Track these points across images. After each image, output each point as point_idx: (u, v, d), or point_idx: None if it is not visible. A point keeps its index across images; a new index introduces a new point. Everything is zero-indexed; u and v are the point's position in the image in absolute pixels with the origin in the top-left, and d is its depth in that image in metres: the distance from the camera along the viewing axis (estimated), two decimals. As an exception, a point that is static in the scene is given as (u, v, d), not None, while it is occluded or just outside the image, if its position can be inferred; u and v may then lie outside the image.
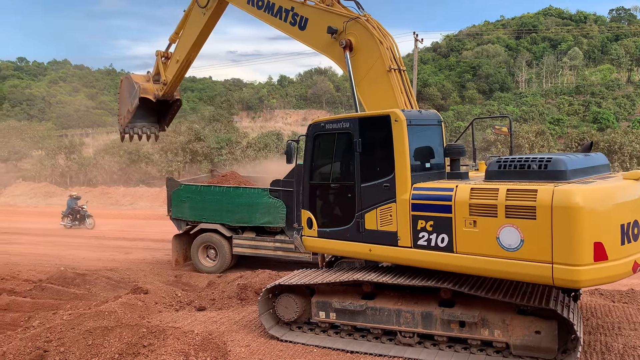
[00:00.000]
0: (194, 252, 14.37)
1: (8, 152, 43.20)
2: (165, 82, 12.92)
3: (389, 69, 8.85)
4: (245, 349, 7.47)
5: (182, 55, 12.64)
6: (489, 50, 77.70)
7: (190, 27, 12.48)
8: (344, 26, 9.22)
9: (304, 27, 10.02)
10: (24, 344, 7.33)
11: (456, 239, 6.59)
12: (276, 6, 10.54)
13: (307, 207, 8.17)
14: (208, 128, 42.03)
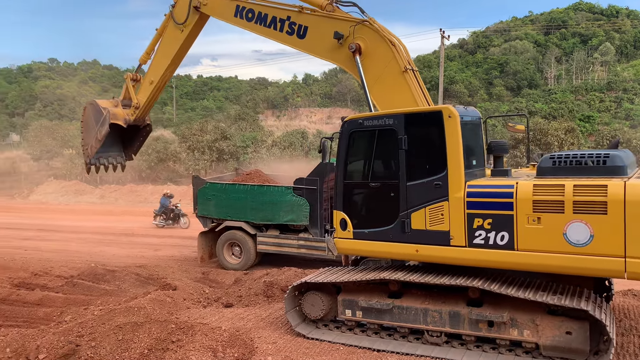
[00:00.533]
0: (220, 249, 14.51)
1: (40, 151, 44.25)
2: (138, 106, 12.14)
3: (405, 69, 8.80)
4: (272, 345, 7.52)
5: (156, 76, 11.90)
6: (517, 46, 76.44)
7: (166, 45, 11.76)
8: (351, 31, 9.15)
9: (303, 35, 9.86)
10: (57, 338, 7.49)
11: (517, 236, 6.50)
12: (269, 17, 10.27)
13: (340, 208, 7.87)
14: (234, 127, 42.42)
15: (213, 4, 11.05)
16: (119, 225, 22.92)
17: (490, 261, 6.75)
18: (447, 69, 61.37)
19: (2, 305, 10.97)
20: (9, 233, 21.59)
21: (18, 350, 7.47)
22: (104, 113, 11.64)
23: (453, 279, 6.91)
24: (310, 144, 38.77)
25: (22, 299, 11.28)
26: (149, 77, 11.98)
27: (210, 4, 11.07)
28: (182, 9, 11.34)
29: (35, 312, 10.40)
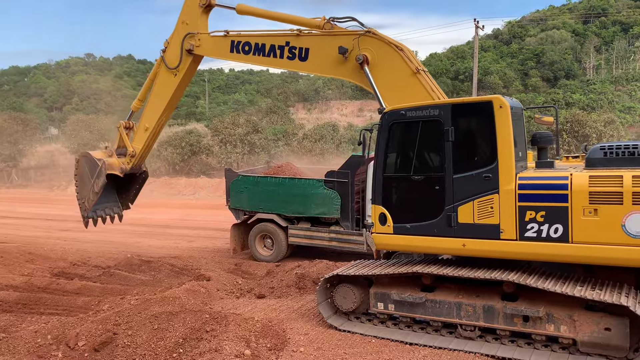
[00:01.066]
0: (252, 241, 14.64)
1: (77, 144, 45.26)
2: (133, 154, 11.72)
3: (416, 71, 8.74)
4: (304, 337, 7.56)
5: (151, 122, 11.54)
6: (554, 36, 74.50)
7: (159, 91, 11.41)
8: (355, 43, 9.12)
9: (305, 57, 9.76)
10: (95, 326, 7.70)
11: (572, 228, 6.38)
12: (267, 46, 10.12)
13: (379, 202, 7.67)
14: (265, 120, 42.66)
15: (207, 44, 10.79)
16: (153, 217, 23.35)
17: (542, 254, 6.62)
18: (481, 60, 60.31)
19: (43, 293, 11.33)
20: (48, 224, 22.27)
21: (59, 337, 7.71)
22: (99, 164, 11.30)
23: (488, 273, 6.81)
24: (341, 137, 38.68)
25: (61, 288, 11.63)
26: (143, 124, 11.64)
27: (203, 45, 10.81)
28: (174, 53, 11.02)
29: (74, 300, 10.70)
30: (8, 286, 11.83)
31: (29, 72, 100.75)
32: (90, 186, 11.21)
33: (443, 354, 6.68)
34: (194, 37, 10.75)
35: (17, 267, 13.95)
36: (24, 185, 41.57)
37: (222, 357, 6.44)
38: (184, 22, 10.91)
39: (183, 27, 10.90)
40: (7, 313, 10.11)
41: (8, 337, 8.21)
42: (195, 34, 10.74)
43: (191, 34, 10.75)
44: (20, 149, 44.99)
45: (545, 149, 7.57)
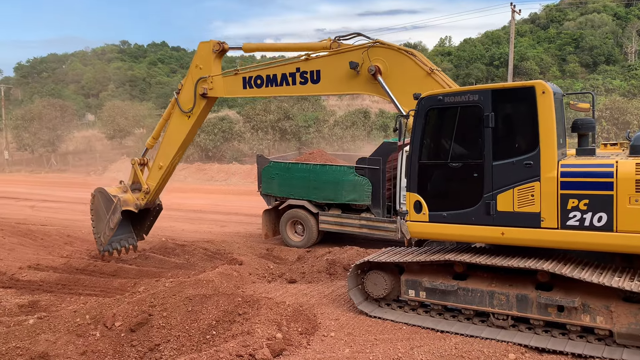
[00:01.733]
0: (283, 227, 14.76)
1: (114, 130, 46.32)
2: (148, 191, 11.86)
3: (430, 71, 8.71)
4: (334, 322, 7.62)
5: (166, 161, 11.67)
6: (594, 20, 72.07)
7: (173, 132, 11.52)
8: (364, 56, 9.18)
9: (317, 80, 9.82)
10: (131, 307, 7.91)
11: (617, 217, 6.23)
12: (279, 76, 10.18)
13: (415, 190, 7.51)
14: (296, 107, 42.61)
15: (219, 86, 10.85)
16: (187, 202, 23.74)
17: (585, 243, 6.48)
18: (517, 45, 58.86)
19: (81, 275, 11.69)
20: (86, 208, 22.78)
21: (96, 317, 7.95)
22: (114, 201, 11.33)
23: (522, 262, 6.70)
24: (373, 124, 38.42)
25: (99, 270, 11.98)
26: (157, 163, 11.80)
27: (216, 87, 10.88)
28: (188, 96, 11.11)
29: (111, 282, 11.01)
30: (48, 267, 12.25)
31: (67, 60, 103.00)
32: (106, 222, 11.42)
33: (475, 342, 6.63)
34: (207, 81, 10.89)
35: (56, 249, 14.44)
36: (63, 169, 42.78)
37: (254, 340, 6.54)
38: (198, 66, 11.04)
39: (197, 71, 11.03)
40: (48, 293, 10.49)
41: (49, 316, 8.52)
42: (207, 77, 10.87)
43: (203, 78, 10.88)
44: (58, 134, 46.21)
45: (586, 136, 7.37)
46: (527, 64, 59.88)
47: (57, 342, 7.37)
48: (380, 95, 9.26)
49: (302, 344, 6.88)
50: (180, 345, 7.10)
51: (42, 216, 20.73)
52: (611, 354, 6.13)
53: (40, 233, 16.06)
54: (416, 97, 7.61)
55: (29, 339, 7.59)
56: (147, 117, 47.97)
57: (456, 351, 6.33)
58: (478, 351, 6.33)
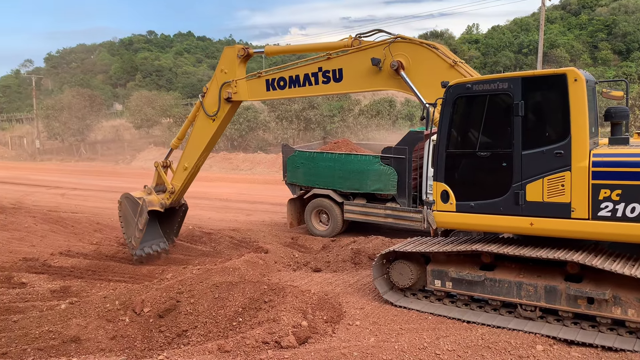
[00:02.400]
0: (308, 216, 14.80)
1: (141, 120, 46.95)
2: (173, 191, 11.93)
3: (453, 64, 8.59)
4: (359, 311, 7.63)
5: (190, 162, 11.75)
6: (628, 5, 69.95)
7: (198, 135, 11.61)
8: (386, 52, 9.10)
9: (340, 78, 9.77)
10: (160, 293, 8.05)
11: None
12: (301, 76, 10.14)
13: (442, 179, 7.39)
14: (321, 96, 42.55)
15: (243, 89, 10.89)
16: (213, 190, 23.98)
17: (616, 234, 6.33)
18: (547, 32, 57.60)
19: (110, 261, 11.94)
20: (115, 196, 23.18)
21: (126, 303, 8.12)
22: (139, 203, 11.53)
23: (551, 253, 6.59)
24: (398, 113, 38.12)
25: (127, 257, 12.21)
26: (182, 164, 11.90)
27: (240, 91, 10.91)
28: (213, 100, 11.17)
29: (140, 269, 11.22)
30: (79, 254, 12.55)
31: (95, 50, 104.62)
32: (135, 225, 11.55)
33: (501, 333, 6.56)
34: (231, 85, 10.93)
35: (86, 236, 14.76)
36: (92, 158, 43.61)
37: (279, 327, 6.60)
38: (223, 71, 11.11)
39: (222, 76, 11.09)
40: (79, 279, 10.74)
41: (80, 301, 8.73)
42: (231, 82, 10.91)
43: (227, 82, 10.93)
44: (87, 123, 47.06)
45: (619, 125, 7.18)
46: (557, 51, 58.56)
47: (87, 326, 7.56)
48: (404, 90, 9.20)
49: (327, 332, 6.91)
50: (207, 332, 7.22)
51: (72, 204, 21.20)
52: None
53: (70, 220, 16.43)
54: (444, 85, 7.48)
55: (61, 323, 7.79)
56: (174, 106, 48.49)
57: (482, 342, 6.28)
58: (505, 342, 6.27)
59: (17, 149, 51.10)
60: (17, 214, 16.70)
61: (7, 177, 31.38)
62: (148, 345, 7.21)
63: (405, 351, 6.09)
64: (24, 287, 10.09)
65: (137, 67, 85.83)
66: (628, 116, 7.25)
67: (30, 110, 62.35)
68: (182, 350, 6.47)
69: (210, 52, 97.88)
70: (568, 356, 6.01)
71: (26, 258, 11.88)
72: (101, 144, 48.36)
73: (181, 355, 6.17)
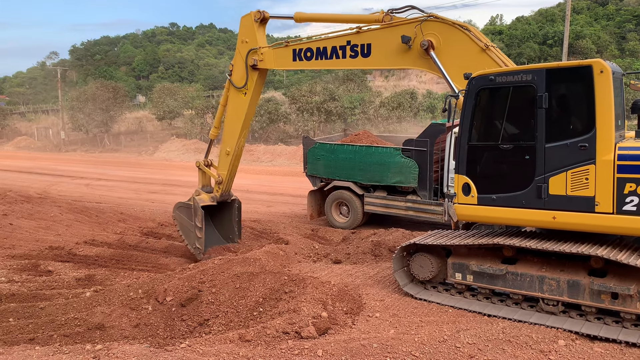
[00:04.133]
0: (328, 208, 14.83)
1: (163, 112, 47.38)
2: (221, 180, 11.72)
3: (485, 47, 8.37)
4: (379, 302, 7.64)
5: (232, 145, 11.58)
6: (658, -5, 68.24)
7: (233, 113, 11.50)
8: (417, 31, 8.87)
9: (368, 53, 9.59)
10: (182, 283, 8.16)
11: None
12: (329, 49, 10.01)
13: (463, 172, 7.36)
14: (342, 88, 42.41)
15: (269, 57, 10.82)
16: (235, 182, 24.11)
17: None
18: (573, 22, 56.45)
19: (134, 251, 12.14)
20: (138, 187, 23.64)
21: (149, 292, 8.25)
22: (191, 204, 11.53)
23: (574, 247, 6.51)
24: (419, 105, 37.83)
25: (150, 246, 12.40)
26: (224, 149, 11.76)
27: (266, 59, 10.84)
28: (240, 73, 11.11)
29: (162, 258, 11.38)
30: (103, 243, 12.78)
31: (119, 42, 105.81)
32: (194, 226, 11.41)
33: (523, 328, 6.51)
34: (257, 53, 10.88)
35: (110, 226, 15.01)
36: (115, 149, 44.23)
37: (300, 318, 6.64)
38: (244, 41, 11.08)
39: (244, 46, 11.06)
40: (103, 268, 10.95)
41: (104, 289, 8.90)
42: (257, 49, 10.86)
43: (254, 49, 10.88)
44: (111, 115, 47.66)
45: None
46: (583, 42, 57.35)
47: (111, 314, 7.71)
48: (432, 71, 9.06)
49: (347, 323, 6.94)
50: (228, 321, 7.30)
51: (96, 194, 21.56)
52: (668, 344, 5.91)
53: (95, 210, 16.73)
54: (467, 77, 7.41)
55: (85, 310, 7.96)
56: (196, 98, 48.83)
57: (503, 335, 6.24)
58: (526, 336, 6.22)
59: (43, 139, 52.05)
60: (43, 204, 17.05)
61: (33, 167, 32.03)
62: (170, 334, 7.33)
63: (425, 343, 6.08)
64: (50, 275, 10.33)
65: (160, 59, 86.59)
66: None
67: (55, 102, 63.42)
68: (203, 339, 6.56)
69: (232, 44, 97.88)
70: (591, 351, 5.94)
71: (52, 247, 12.15)
72: (124, 136, 48.98)
73: (203, 343, 6.26)
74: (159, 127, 50.84)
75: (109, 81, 53.99)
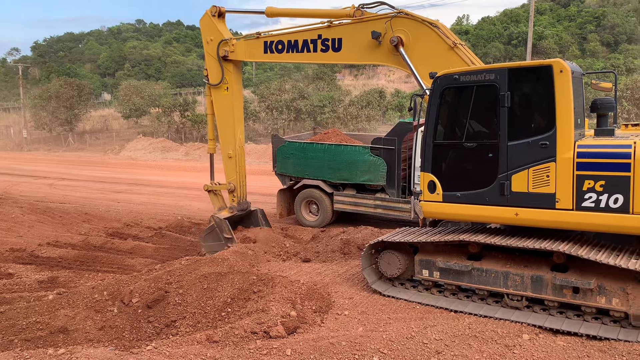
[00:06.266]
0: (297, 206, 14.81)
1: (129, 110, 46.54)
2: (233, 188, 11.67)
3: (453, 45, 8.53)
4: (348, 300, 7.66)
5: (231, 147, 11.61)
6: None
7: (222, 112, 11.46)
8: (387, 26, 8.99)
9: (339, 48, 9.69)
10: (148, 284, 8.02)
11: (634, 199, 6.15)
12: (300, 42, 10.06)
13: (429, 170, 7.46)
14: (311, 86, 42.40)
15: (240, 49, 10.80)
16: (203, 181, 23.79)
17: (600, 225, 6.41)
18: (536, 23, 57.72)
19: (99, 252, 11.89)
20: (103, 186, 23.16)
21: (114, 293, 8.09)
22: (212, 222, 11.29)
23: (537, 243, 6.66)
24: (388, 104, 38.11)
25: (116, 247, 12.16)
26: (225, 153, 11.67)
27: (237, 50, 10.83)
28: (215, 72, 11.10)
29: (128, 259, 11.17)
30: (67, 244, 12.48)
31: (83, 39, 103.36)
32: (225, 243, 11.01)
33: (488, 323, 6.63)
34: (227, 44, 10.83)
35: (74, 226, 14.66)
36: (80, 148, 43.22)
37: (268, 317, 6.61)
38: (209, 41, 11.08)
39: (211, 45, 11.08)
40: (67, 270, 10.69)
41: (68, 292, 8.68)
42: (227, 40, 10.80)
43: (224, 40, 10.83)
44: (75, 113, 46.54)
45: (605, 117, 7.24)
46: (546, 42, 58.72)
47: (75, 317, 7.53)
48: (402, 67, 9.11)
49: (316, 322, 6.94)
50: (196, 322, 7.21)
51: (60, 194, 21.03)
52: (626, 335, 6.10)
53: (58, 211, 16.31)
54: (432, 76, 7.50)
55: (48, 314, 7.75)
56: (162, 96, 48.10)
57: (469, 331, 6.34)
58: (492, 331, 6.33)
59: (4, 138, 50.46)
60: (4, 205, 16.53)
61: (-7, 167, 31.02)
62: (136, 336, 7.19)
63: (393, 340, 6.12)
64: (11, 277, 10.02)
65: (126, 56, 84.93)
66: (614, 107, 7.31)
67: (17, 100, 61.57)
68: (170, 340, 6.47)
69: (200, 41, 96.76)
70: (554, 345, 6.08)
71: (13, 249, 11.80)
72: (89, 134, 47.92)
73: (170, 345, 6.17)
74: (125, 125, 49.91)
75: (73, 78, 52.68)
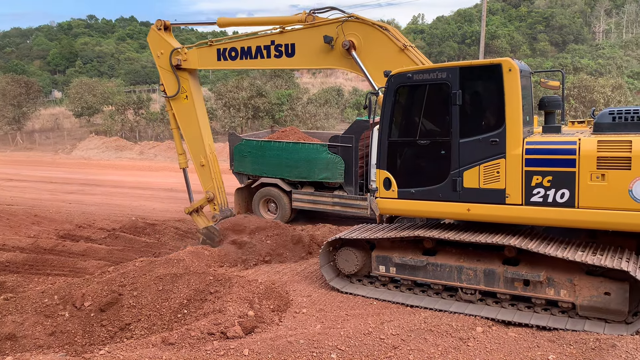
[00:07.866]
0: (255, 205, 14.72)
1: (81, 108, 45.14)
2: (212, 196, 11.58)
3: (403, 47, 8.75)
4: (306, 298, 7.68)
5: (202, 155, 11.44)
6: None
7: (186, 122, 11.33)
8: (339, 31, 9.18)
9: (292, 53, 9.82)
10: (101, 287, 7.81)
11: (579, 193, 6.37)
12: (253, 48, 10.14)
13: (384, 167, 7.56)
14: (269, 84, 42.17)
15: (193, 57, 10.78)
16: (157, 180, 23.43)
17: (548, 219, 6.63)
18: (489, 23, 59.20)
19: (49, 255, 11.49)
20: (54, 187, 22.39)
21: (65, 297, 7.83)
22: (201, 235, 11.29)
23: (489, 237, 6.83)
24: (346, 102, 38.35)
25: (67, 249, 11.79)
26: (197, 163, 11.49)
27: (190, 59, 10.79)
28: (171, 84, 11.04)
29: (80, 262, 10.85)
30: (15, 248, 12.00)
31: (31, 34, 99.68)
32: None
33: (443, 317, 6.77)
34: (179, 52, 10.75)
35: (23, 229, 14.12)
36: (29, 148, 41.63)
37: (225, 318, 6.54)
38: (159, 55, 11.03)
39: (162, 59, 11.04)
40: (15, 274, 10.28)
41: (16, 297, 8.35)
42: (179, 48, 10.72)
43: (175, 49, 10.75)
44: (24, 111, 44.81)
45: (552, 114, 7.50)
46: (498, 42, 60.34)
47: (24, 323, 7.26)
48: (355, 70, 9.25)
49: (274, 320, 6.92)
50: (151, 324, 7.06)
51: (7, 195, 20.21)
52: (574, 325, 6.34)
53: (5, 213, 15.66)
54: (386, 74, 7.61)
55: (-5, 320, 7.44)
56: (116, 94, 46.89)
57: (425, 325, 6.45)
58: (446, 325, 6.46)
59: (-54, 138, 48.14)
60: (-54, 207, 15.79)
61: None
62: (89, 340, 6.99)
63: (350, 337, 6.17)
64: (-46, 284, 9.57)
65: (77, 52, 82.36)
66: (560, 105, 7.57)
67: (-41, 97, 58.76)
68: (124, 344, 6.32)
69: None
70: (506, 336, 6.25)
71: (-44, 253, 11.27)
72: (39, 133, 46.18)
73: (124, 349, 6.03)
74: (77, 124, 48.39)
75: (20, 75, 50.65)
